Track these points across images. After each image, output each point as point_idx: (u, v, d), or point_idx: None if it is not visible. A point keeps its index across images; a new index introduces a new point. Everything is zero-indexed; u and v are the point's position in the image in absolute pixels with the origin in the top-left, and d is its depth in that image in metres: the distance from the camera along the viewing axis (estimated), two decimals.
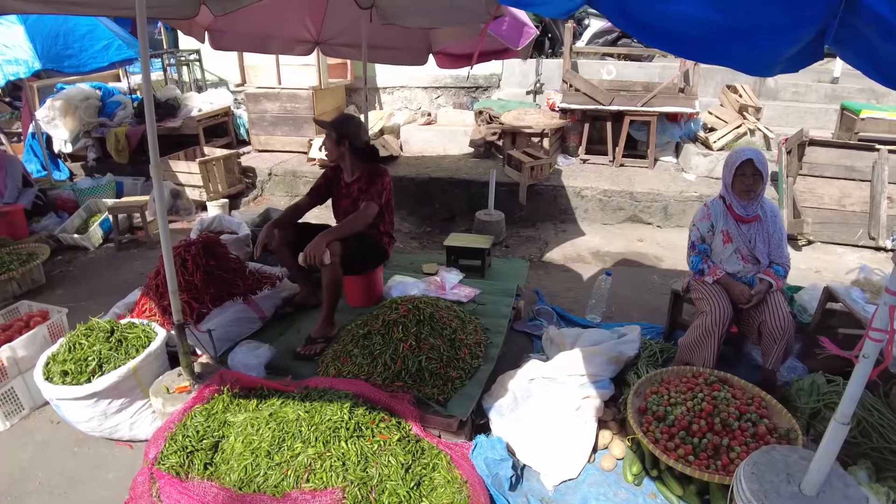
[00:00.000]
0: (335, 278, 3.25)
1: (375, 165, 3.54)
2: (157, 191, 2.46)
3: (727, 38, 1.61)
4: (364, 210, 3.41)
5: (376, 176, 3.49)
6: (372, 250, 3.57)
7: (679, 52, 2.60)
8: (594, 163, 6.83)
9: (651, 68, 7.72)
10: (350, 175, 3.59)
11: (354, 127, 3.49)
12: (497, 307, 3.78)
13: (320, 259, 3.06)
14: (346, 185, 3.60)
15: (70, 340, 2.85)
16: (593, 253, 5.49)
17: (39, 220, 5.80)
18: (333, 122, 3.52)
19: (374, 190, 3.42)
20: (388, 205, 3.59)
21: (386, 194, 3.49)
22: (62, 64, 5.48)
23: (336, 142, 3.45)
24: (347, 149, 3.47)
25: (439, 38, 5.39)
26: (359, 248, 3.43)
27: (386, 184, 3.49)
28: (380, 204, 3.43)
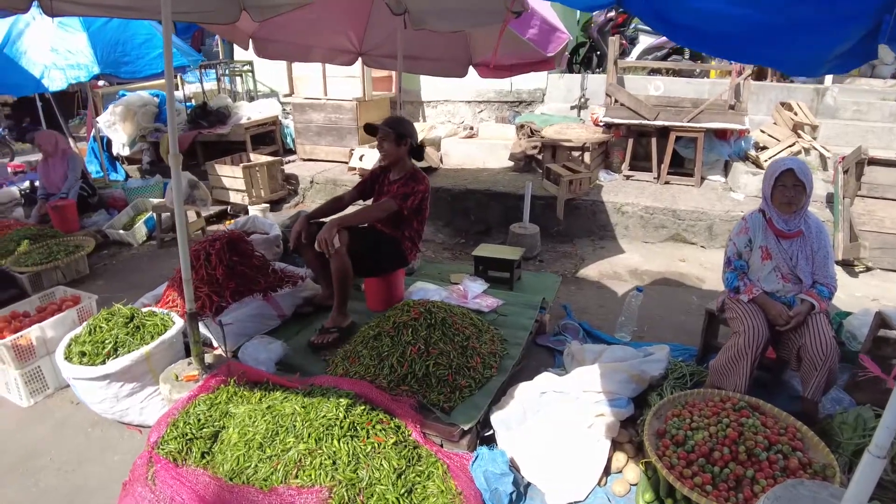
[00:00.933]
0: (342, 266, 3.19)
1: (420, 173, 3.51)
2: (174, 179, 2.50)
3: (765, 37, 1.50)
4: (381, 203, 3.41)
5: (415, 181, 3.44)
6: (388, 250, 3.50)
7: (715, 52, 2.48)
8: (637, 179, 6.63)
9: (700, 84, 7.48)
10: (397, 174, 3.57)
11: (410, 126, 3.51)
12: (519, 319, 3.66)
13: (331, 243, 3.04)
14: (389, 183, 3.59)
15: (91, 323, 2.93)
16: (631, 271, 5.28)
17: (91, 216, 6.08)
18: (390, 123, 3.48)
19: (403, 190, 3.40)
20: (420, 213, 3.52)
21: (414, 200, 3.42)
22: (119, 70, 5.78)
23: (396, 141, 3.42)
24: (407, 148, 3.47)
25: (480, 48, 5.38)
26: (372, 243, 3.39)
27: (419, 191, 3.42)
28: (401, 205, 3.38)
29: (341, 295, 3.32)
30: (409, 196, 3.39)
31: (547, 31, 3.62)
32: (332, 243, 3.04)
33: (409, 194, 3.39)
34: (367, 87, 6.96)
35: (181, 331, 2.94)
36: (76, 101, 13.03)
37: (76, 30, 5.71)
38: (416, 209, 3.48)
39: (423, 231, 3.63)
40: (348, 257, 3.21)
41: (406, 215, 3.44)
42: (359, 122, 6.98)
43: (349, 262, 3.24)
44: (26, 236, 5.08)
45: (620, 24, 8.90)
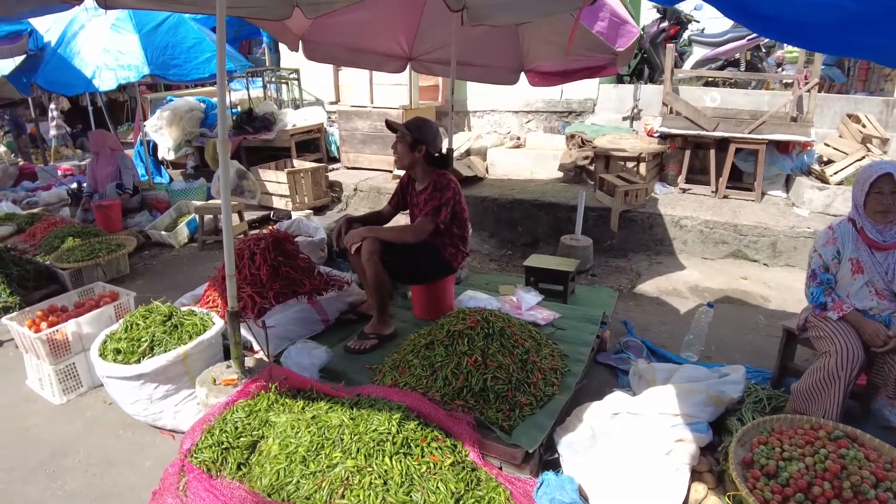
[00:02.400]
0: (375, 273, 3.01)
1: (443, 174, 3.23)
2: (222, 166, 2.33)
3: (860, 27, 1.35)
4: (416, 225, 3.17)
5: (440, 188, 3.15)
6: (427, 258, 3.25)
7: (807, 45, 2.30)
8: (694, 193, 6.28)
9: (759, 96, 7.11)
10: (421, 183, 3.32)
11: (431, 132, 3.21)
12: (579, 334, 3.38)
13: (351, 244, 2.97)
14: (416, 194, 3.35)
15: (128, 320, 2.77)
16: (691, 288, 4.93)
17: (134, 217, 6.05)
18: (408, 125, 3.23)
19: (433, 204, 3.11)
20: (457, 215, 3.26)
21: (447, 211, 3.14)
22: (168, 72, 5.78)
23: (410, 146, 3.14)
24: (422, 155, 3.19)
25: (532, 54, 5.18)
26: (407, 250, 3.14)
27: (448, 198, 3.13)
28: (437, 221, 3.12)
29: (379, 302, 3.14)
30: (441, 208, 3.11)
31: (616, 23, 3.38)
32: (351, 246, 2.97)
33: (440, 206, 3.11)
34: (414, 95, 6.82)
35: (221, 332, 2.76)
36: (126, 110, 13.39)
37: (127, 31, 5.75)
38: (456, 212, 3.23)
39: (466, 233, 3.38)
40: (382, 265, 3.02)
41: (443, 228, 3.20)
42: None
43: (382, 269, 3.04)
44: (70, 234, 5.05)
45: (672, 36, 8.61)
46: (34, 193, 7.87)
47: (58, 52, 5.74)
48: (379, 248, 2.97)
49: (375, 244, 2.96)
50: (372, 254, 2.96)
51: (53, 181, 8.57)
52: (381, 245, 2.98)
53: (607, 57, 4.69)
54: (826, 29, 1.48)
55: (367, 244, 2.97)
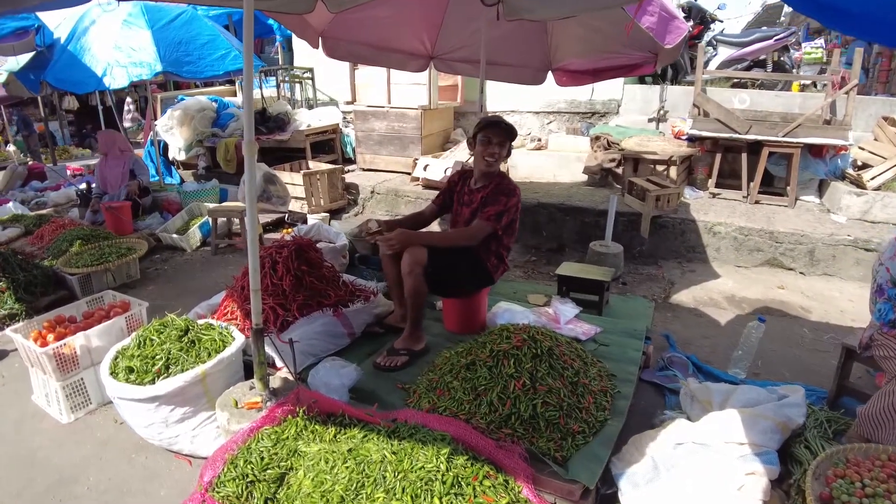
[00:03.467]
0: (416, 287, 2.80)
1: (507, 177, 3.05)
2: (248, 171, 2.11)
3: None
4: (474, 228, 2.95)
5: (505, 193, 2.94)
6: (471, 270, 3.02)
7: (881, 39, 2.29)
8: (725, 198, 6.03)
9: (790, 98, 6.85)
10: (480, 181, 3.09)
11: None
12: (623, 350, 3.14)
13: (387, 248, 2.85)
14: (470, 192, 3.11)
15: (141, 335, 2.55)
16: (728, 298, 4.68)
17: (144, 219, 5.85)
18: (507, 127, 3.01)
19: (495, 208, 2.91)
20: (512, 225, 3.04)
21: (509, 217, 2.96)
22: (181, 69, 5.58)
23: (508, 151, 3.04)
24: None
25: (561, 52, 4.96)
26: (452, 263, 2.92)
27: (511, 205, 2.94)
28: (496, 227, 2.92)
29: (415, 316, 2.92)
30: (503, 214, 2.92)
31: (666, 19, 3.14)
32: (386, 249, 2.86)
33: (503, 211, 2.92)
34: (434, 95, 6.60)
35: (242, 348, 2.54)
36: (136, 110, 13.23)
37: (140, 27, 5.55)
38: (508, 223, 3.01)
39: (511, 244, 3.15)
40: (424, 278, 2.79)
41: (500, 235, 2.99)
42: (423, 131, 6.60)
43: (423, 282, 2.81)
44: (79, 237, 4.85)
45: (695, 36, 8.36)
46: (43, 193, 7.70)
47: (68, 49, 5.54)
48: (424, 261, 2.73)
49: (422, 254, 2.73)
50: (415, 265, 2.72)
51: (62, 181, 8.40)
52: (427, 257, 2.75)
53: (643, 55, 4.47)
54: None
55: (411, 254, 2.74)
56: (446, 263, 2.89)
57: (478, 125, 3.06)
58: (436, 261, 2.82)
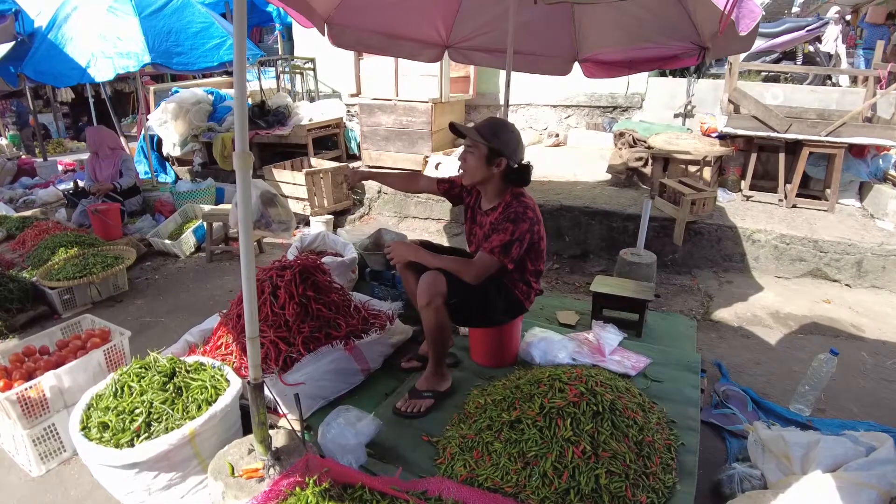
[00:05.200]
0: (438, 322, 2.38)
1: (520, 198, 2.50)
2: (240, 192, 1.68)
3: None
4: (477, 264, 2.43)
5: (512, 220, 2.40)
6: (500, 298, 2.58)
7: None
8: (759, 201, 5.60)
9: (826, 93, 6.42)
10: (489, 202, 2.60)
11: (513, 139, 2.47)
12: (679, 388, 2.74)
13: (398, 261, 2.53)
14: (483, 214, 2.65)
15: (119, 380, 2.14)
16: (772, 314, 4.28)
17: (135, 221, 5.43)
18: (481, 129, 2.44)
19: (500, 239, 2.39)
20: (534, 247, 2.56)
21: (520, 248, 2.43)
22: (171, 60, 5.11)
23: (486, 158, 2.42)
24: (501, 171, 2.46)
25: (591, 41, 4.51)
26: (476, 294, 2.49)
27: (522, 232, 2.40)
28: (504, 261, 2.41)
29: (438, 354, 2.51)
30: (512, 245, 2.38)
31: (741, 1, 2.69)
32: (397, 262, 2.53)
33: (511, 242, 2.38)
34: (445, 87, 6.14)
35: (238, 396, 2.12)
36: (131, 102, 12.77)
37: (127, 14, 5.08)
38: (532, 244, 2.52)
39: (542, 267, 2.69)
40: (446, 309, 2.37)
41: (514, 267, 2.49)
42: (433, 126, 6.16)
43: (447, 317, 2.40)
44: (62, 243, 4.43)
45: None
46: (31, 192, 7.27)
47: (48, 38, 5.08)
48: (444, 291, 2.31)
49: (440, 283, 2.31)
50: (435, 297, 2.30)
51: (53, 178, 7.96)
52: (447, 285, 2.33)
53: (684, 45, 4.03)
54: None
55: (429, 283, 2.31)
56: (475, 296, 2.46)
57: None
58: (458, 289, 2.39)
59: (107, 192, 5.35)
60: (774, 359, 3.60)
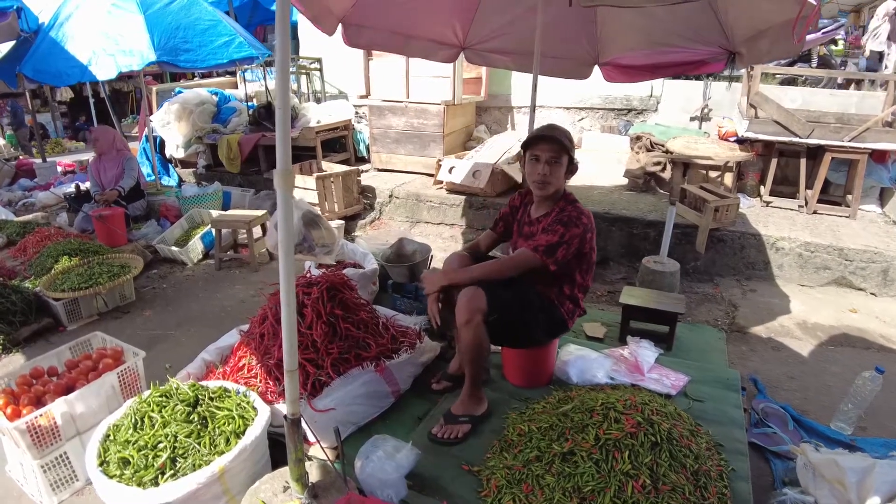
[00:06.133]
0: (476, 341, 2.24)
1: (574, 203, 2.43)
2: (281, 213, 1.54)
3: None
4: (514, 257, 2.36)
5: (567, 223, 2.32)
6: (544, 316, 2.45)
7: None
8: (779, 207, 5.48)
9: (845, 96, 6.28)
10: (541, 209, 2.50)
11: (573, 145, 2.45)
12: (721, 408, 2.61)
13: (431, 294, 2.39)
14: (530, 222, 2.54)
15: (137, 409, 1.99)
16: (799, 324, 4.16)
17: (140, 227, 5.26)
18: (564, 141, 2.35)
19: (548, 238, 2.31)
20: (585, 259, 2.45)
21: (567, 251, 2.32)
22: (178, 58, 4.93)
23: (567, 168, 2.38)
24: (570, 176, 2.46)
25: (613, 44, 4.39)
26: (518, 310, 2.37)
27: (573, 236, 2.30)
28: (547, 262, 2.30)
29: (475, 375, 2.36)
30: (559, 247, 2.29)
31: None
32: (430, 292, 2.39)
33: (558, 244, 2.29)
34: (458, 89, 6.00)
35: (267, 426, 1.97)
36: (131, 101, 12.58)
37: (131, 11, 4.92)
38: (581, 255, 2.42)
39: (590, 283, 2.57)
40: (485, 328, 2.24)
41: (557, 271, 2.37)
42: (445, 128, 6.01)
43: (486, 336, 2.26)
44: (66, 251, 4.27)
45: None
46: (31, 194, 7.11)
47: (49, 37, 4.90)
48: (484, 307, 2.18)
49: (480, 299, 2.18)
50: (475, 313, 2.17)
51: (53, 179, 7.78)
52: (488, 301, 2.19)
53: (710, 50, 3.92)
54: None
55: (469, 300, 2.19)
56: (513, 310, 2.33)
57: (524, 141, 2.48)
58: (499, 306, 2.27)
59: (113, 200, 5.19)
60: (808, 373, 3.48)
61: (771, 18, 3.04)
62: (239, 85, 7.90)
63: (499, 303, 2.27)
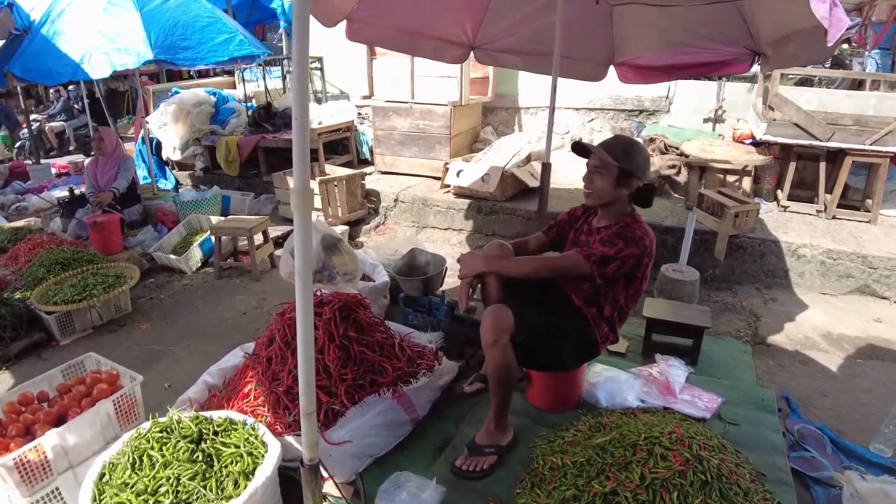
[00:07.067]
0: (503, 364, 2.09)
1: (639, 221, 2.26)
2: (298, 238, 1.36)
3: None
4: (563, 258, 2.25)
5: (625, 238, 2.17)
6: (578, 340, 2.28)
7: None
8: (797, 211, 5.32)
9: (864, 98, 6.11)
10: (604, 219, 2.36)
11: (642, 158, 2.26)
12: (759, 431, 2.45)
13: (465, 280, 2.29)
14: (589, 231, 2.39)
15: (136, 446, 1.81)
16: (824, 335, 4.00)
17: (136, 234, 5.07)
18: (614, 148, 2.25)
19: (603, 250, 2.15)
20: (631, 283, 2.29)
21: (620, 268, 2.17)
22: (177, 56, 4.73)
23: (618, 180, 2.22)
24: (631, 192, 2.26)
25: (628, 45, 4.22)
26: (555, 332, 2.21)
27: (630, 255, 2.15)
28: (595, 272, 2.15)
29: (501, 402, 2.19)
30: (612, 262, 2.15)
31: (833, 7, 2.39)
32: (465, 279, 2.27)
33: (612, 258, 2.15)
34: (465, 89, 5.82)
35: (278, 464, 1.79)
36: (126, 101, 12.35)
37: (127, 9, 4.72)
38: (629, 275, 2.24)
39: (632, 310, 2.38)
40: (512, 349, 2.08)
41: (602, 286, 2.22)
42: (452, 130, 5.83)
43: (514, 358, 2.10)
44: (59, 260, 4.08)
45: None
46: (24, 197, 6.90)
47: (40, 34, 4.69)
48: (512, 327, 2.02)
49: (506, 319, 2.03)
50: (501, 333, 2.01)
51: (46, 182, 7.58)
52: (515, 320, 2.03)
53: (734, 51, 3.75)
54: None
55: (495, 319, 2.03)
56: (545, 331, 2.16)
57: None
58: (528, 326, 2.11)
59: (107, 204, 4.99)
60: (840, 389, 3.32)
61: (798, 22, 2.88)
62: (237, 85, 7.72)
63: (527, 323, 2.10)
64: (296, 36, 1.32)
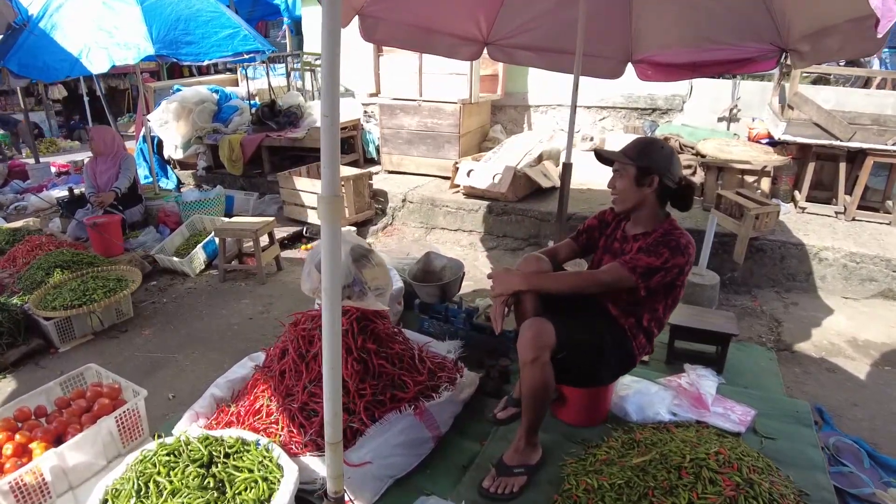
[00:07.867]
0: (540, 381, 1.96)
1: (684, 235, 2.12)
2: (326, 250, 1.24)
3: None
4: (605, 270, 2.10)
5: (670, 247, 2.05)
6: (618, 354, 2.16)
7: None
8: (816, 213, 5.19)
9: (882, 97, 5.98)
10: (639, 226, 2.22)
11: (663, 155, 2.13)
12: (797, 447, 2.32)
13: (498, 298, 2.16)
14: (624, 238, 2.25)
15: (141, 470, 1.67)
16: (849, 342, 3.87)
17: (137, 235, 4.93)
18: (631, 150, 2.15)
19: (648, 261, 2.04)
20: (672, 292, 2.17)
21: (664, 278, 2.07)
22: (179, 51, 4.58)
23: (636, 180, 2.10)
24: (654, 190, 2.13)
25: (647, 41, 4.08)
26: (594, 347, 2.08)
27: (673, 265, 2.04)
28: (640, 284, 2.05)
29: (534, 420, 2.06)
30: (657, 273, 2.04)
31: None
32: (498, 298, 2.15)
33: (657, 269, 2.04)
34: (475, 87, 5.68)
35: (296, 490, 1.66)
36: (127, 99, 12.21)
37: (128, 4, 4.57)
38: (666, 286, 2.12)
39: (667, 320, 2.25)
40: (551, 367, 1.96)
41: (645, 297, 2.10)
42: (461, 128, 5.69)
43: (552, 377, 1.97)
44: (58, 263, 3.94)
45: None
46: (23, 196, 6.76)
47: (37, 28, 4.54)
48: (553, 343, 1.89)
49: (548, 334, 1.91)
50: (542, 350, 1.89)
51: (46, 181, 7.44)
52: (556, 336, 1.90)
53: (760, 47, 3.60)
54: None
55: (536, 335, 1.91)
56: (588, 346, 2.04)
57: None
58: (570, 341, 1.99)
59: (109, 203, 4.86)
60: (870, 398, 3.20)
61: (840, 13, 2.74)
62: (240, 83, 7.58)
63: (569, 338, 1.98)
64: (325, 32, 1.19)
